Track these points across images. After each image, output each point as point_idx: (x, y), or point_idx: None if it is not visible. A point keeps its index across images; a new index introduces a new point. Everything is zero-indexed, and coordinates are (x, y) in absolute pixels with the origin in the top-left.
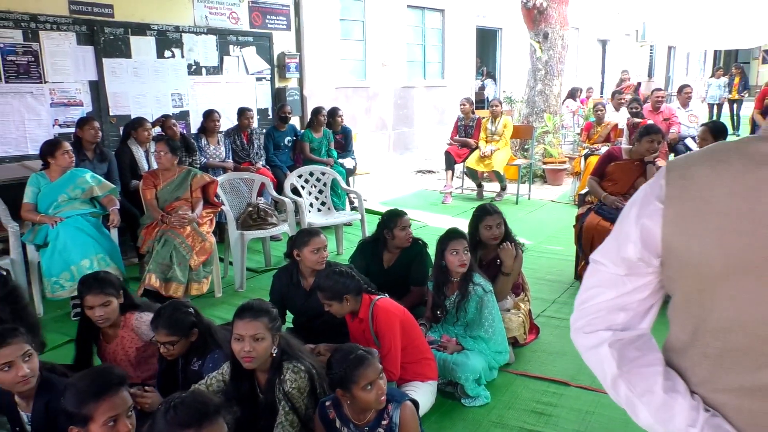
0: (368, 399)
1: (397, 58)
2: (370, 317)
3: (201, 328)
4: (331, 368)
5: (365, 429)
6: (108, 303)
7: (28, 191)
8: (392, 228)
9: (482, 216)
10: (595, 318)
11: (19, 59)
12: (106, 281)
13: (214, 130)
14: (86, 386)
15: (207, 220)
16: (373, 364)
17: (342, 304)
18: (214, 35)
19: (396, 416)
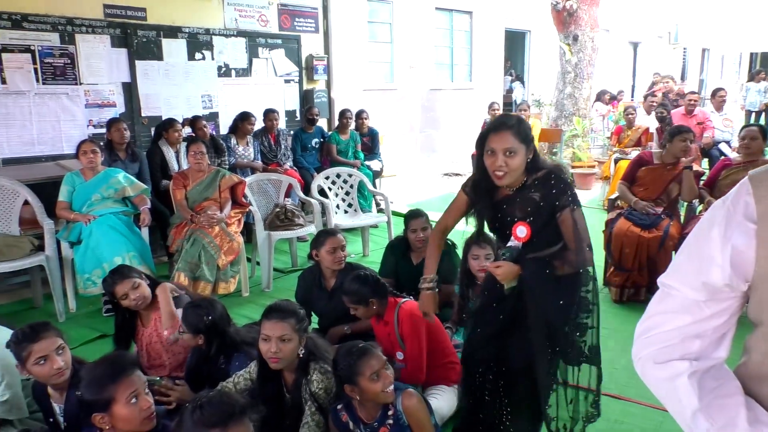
0: (376, 390)
1: (425, 61)
2: (395, 320)
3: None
4: (338, 364)
5: (374, 425)
6: (137, 284)
7: (63, 190)
8: (406, 229)
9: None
10: (666, 347)
11: (55, 61)
12: (125, 269)
13: (248, 131)
14: (102, 372)
15: (235, 220)
16: (377, 354)
17: (368, 308)
18: (243, 38)
19: (399, 404)
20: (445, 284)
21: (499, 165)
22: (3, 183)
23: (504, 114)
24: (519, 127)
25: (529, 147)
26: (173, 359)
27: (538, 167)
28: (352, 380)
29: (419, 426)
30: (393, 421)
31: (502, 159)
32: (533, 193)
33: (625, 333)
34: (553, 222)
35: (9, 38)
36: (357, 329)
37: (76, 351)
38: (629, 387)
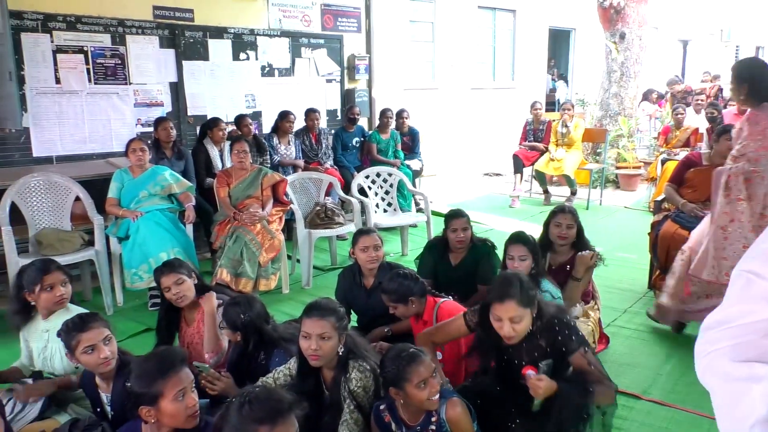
0: (421, 397)
1: (467, 60)
2: (434, 320)
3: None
4: (384, 367)
5: (417, 429)
6: (181, 281)
7: (113, 186)
8: (446, 229)
9: (555, 213)
10: (744, 342)
11: (107, 62)
12: (177, 263)
13: (288, 130)
14: (153, 366)
15: (276, 218)
16: (426, 362)
17: (407, 307)
18: (287, 38)
19: (443, 412)
20: (484, 285)
21: (507, 332)
22: (56, 180)
23: (505, 276)
24: (522, 294)
25: (534, 305)
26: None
27: (542, 314)
28: (399, 384)
29: None
30: (436, 427)
31: (509, 327)
32: (539, 339)
33: (671, 338)
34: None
35: (63, 39)
36: (398, 330)
37: (123, 343)
38: (674, 393)
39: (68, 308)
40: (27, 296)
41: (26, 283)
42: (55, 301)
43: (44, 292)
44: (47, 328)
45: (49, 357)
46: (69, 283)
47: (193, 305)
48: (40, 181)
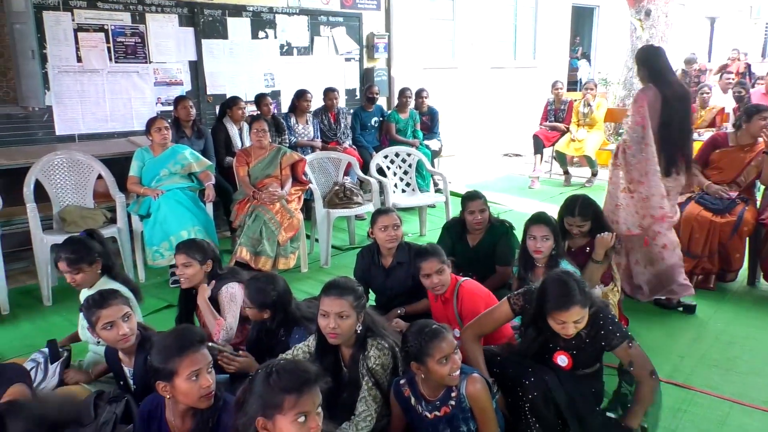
0: (443, 373)
1: (487, 38)
2: (455, 298)
3: (276, 313)
4: (407, 342)
5: (436, 403)
6: (188, 264)
7: (134, 165)
8: (463, 210)
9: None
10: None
11: (127, 40)
12: (195, 246)
13: (305, 109)
14: (170, 343)
15: (295, 198)
16: (448, 338)
17: (447, 273)
18: (305, 16)
19: (463, 388)
20: (502, 266)
21: (571, 333)
22: (79, 158)
23: (561, 280)
24: (583, 296)
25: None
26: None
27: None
28: (420, 360)
29: (481, 411)
30: (455, 402)
31: (573, 327)
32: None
33: (692, 321)
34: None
35: (84, 18)
36: (412, 311)
37: (145, 320)
38: (694, 376)
39: (106, 283)
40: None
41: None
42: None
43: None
44: None
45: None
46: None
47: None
48: (63, 159)
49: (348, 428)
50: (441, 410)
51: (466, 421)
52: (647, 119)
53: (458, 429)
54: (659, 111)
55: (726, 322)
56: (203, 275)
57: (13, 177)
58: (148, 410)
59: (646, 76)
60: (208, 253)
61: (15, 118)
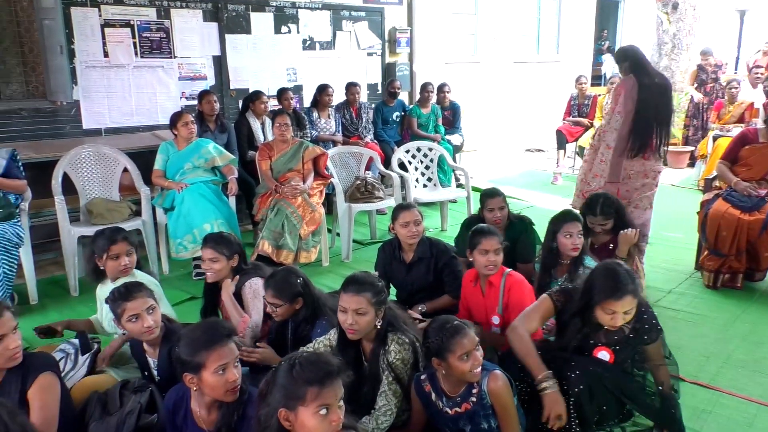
0: (464, 369)
1: (510, 33)
2: (502, 286)
3: (307, 298)
4: (428, 337)
5: (457, 399)
6: (216, 259)
7: (159, 158)
8: (482, 208)
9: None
10: None
11: (152, 36)
12: (223, 241)
13: (327, 104)
14: (199, 336)
15: (317, 192)
16: (470, 334)
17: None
18: (328, 11)
19: (485, 384)
20: (523, 264)
21: (620, 324)
22: (105, 151)
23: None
24: (635, 286)
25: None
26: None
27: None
28: (442, 355)
29: (503, 408)
30: (476, 399)
31: (621, 318)
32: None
33: (718, 321)
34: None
35: (111, 14)
36: (432, 308)
37: None
38: (720, 376)
39: (134, 275)
40: (98, 261)
41: (96, 249)
42: (119, 269)
43: (110, 261)
44: None
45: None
46: (134, 252)
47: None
48: (90, 153)
49: (368, 422)
50: (462, 406)
51: (487, 417)
52: (622, 105)
53: (479, 425)
54: (635, 99)
55: (753, 323)
56: (229, 270)
57: (41, 170)
58: (174, 401)
59: (628, 68)
60: (235, 247)
61: (44, 112)
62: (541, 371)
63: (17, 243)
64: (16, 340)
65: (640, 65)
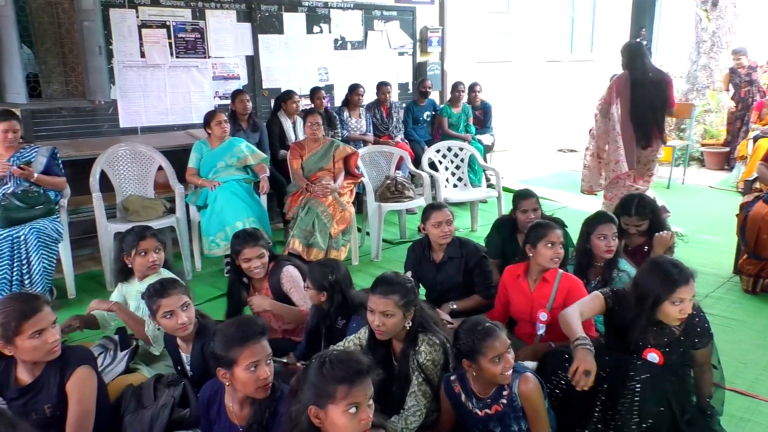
0: (495, 372)
1: (543, 31)
2: (555, 285)
3: (331, 295)
4: (459, 339)
5: (488, 401)
6: (263, 255)
7: (192, 157)
8: (515, 209)
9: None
10: None
11: (187, 36)
12: (259, 236)
13: (357, 103)
14: (232, 333)
15: (347, 191)
16: (502, 336)
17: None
18: (360, 10)
19: (515, 386)
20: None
21: (687, 311)
22: (141, 149)
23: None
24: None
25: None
26: (282, 325)
27: None
28: (472, 357)
29: (533, 410)
30: (506, 401)
31: (689, 305)
32: (674, 326)
33: (757, 326)
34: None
35: (148, 15)
36: (462, 307)
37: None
38: (758, 384)
39: (160, 273)
40: (125, 259)
41: (125, 246)
42: (147, 266)
43: (139, 257)
44: (141, 290)
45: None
46: (162, 249)
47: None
48: (126, 151)
49: (397, 422)
50: (492, 408)
51: (517, 420)
52: (613, 98)
53: (509, 428)
54: (629, 93)
55: None
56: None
57: (80, 167)
58: (209, 395)
59: (623, 64)
60: (266, 238)
61: (83, 111)
62: (580, 332)
63: (56, 238)
64: (55, 334)
65: (635, 62)
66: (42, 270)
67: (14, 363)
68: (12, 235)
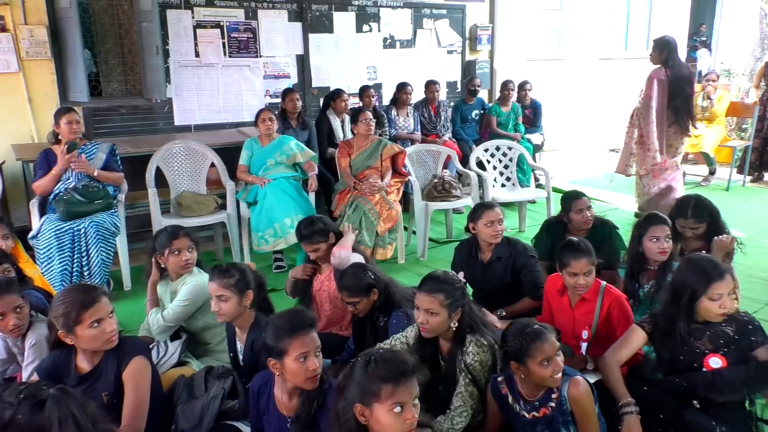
0: (543, 375)
1: (596, 28)
2: (599, 299)
3: (380, 287)
4: (506, 340)
5: (536, 404)
6: (317, 249)
7: (243, 154)
8: (568, 211)
9: (678, 215)
10: None
11: (240, 36)
12: (315, 231)
13: (405, 102)
14: (283, 324)
15: (394, 189)
16: (551, 339)
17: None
18: (409, 9)
19: (565, 390)
20: (607, 270)
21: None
22: (195, 147)
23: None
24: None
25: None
26: (332, 312)
27: None
28: (521, 360)
29: (583, 415)
30: (555, 404)
31: (729, 300)
32: (725, 326)
33: None
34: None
35: (203, 15)
36: (512, 311)
37: None
38: None
39: (193, 272)
40: (158, 258)
41: (158, 246)
42: (181, 265)
43: (172, 256)
44: (175, 290)
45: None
46: (195, 249)
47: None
48: (180, 148)
49: (443, 422)
50: (540, 411)
51: (566, 424)
52: (654, 93)
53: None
54: (668, 88)
55: None
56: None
57: (137, 164)
58: (259, 385)
59: (665, 59)
60: (325, 228)
61: (140, 109)
62: (625, 397)
63: (114, 232)
64: (112, 324)
65: (674, 56)
66: (100, 262)
67: (74, 352)
68: (73, 228)
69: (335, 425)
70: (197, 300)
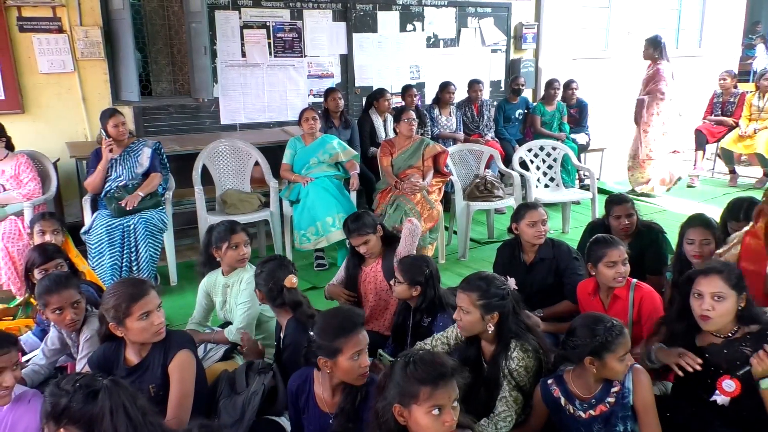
0: (619, 370)
1: (646, 26)
2: (630, 296)
3: (425, 290)
4: (575, 335)
5: (592, 401)
6: (367, 241)
7: (287, 153)
8: (608, 215)
9: (730, 217)
10: None
11: (285, 36)
12: (364, 223)
13: (448, 101)
14: (338, 323)
15: (436, 189)
16: (627, 335)
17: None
18: (453, 7)
19: (629, 380)
20: (653, 275)
21: (706, 308)
22: (240, 145)
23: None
24: (729, 273)
25: (741, 295)
26: (376, 303)
27: (753, 319)
28: (600, 354)
29: (645, 405)
30: (615, 399)
31: (709, 302)
32: (744, 347)
33: None
34: None
35: (250, 16)
36: (550, 313)
37: None
38: None
39: (246, 269)
40: (214, 252)
41: (215, 240)
42: (238, 259)
43: (230, 250)
44: (228, 284)
45: (229, 310)
46: (249, 244)
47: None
48: (226, 147)
49: (487, 426)
50: (596, 408)
51: (624, 420)
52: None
53: (614, 428)
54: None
55: None
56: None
57: (184, 161)
58: (297, 385)
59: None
60: (371, 222)
61: (188, 108)
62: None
63: (161, 228)
64: (160, 317)
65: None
66: (148, 257)
67: (124, 345)
68: (123, 224)
69: (375, 424)
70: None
